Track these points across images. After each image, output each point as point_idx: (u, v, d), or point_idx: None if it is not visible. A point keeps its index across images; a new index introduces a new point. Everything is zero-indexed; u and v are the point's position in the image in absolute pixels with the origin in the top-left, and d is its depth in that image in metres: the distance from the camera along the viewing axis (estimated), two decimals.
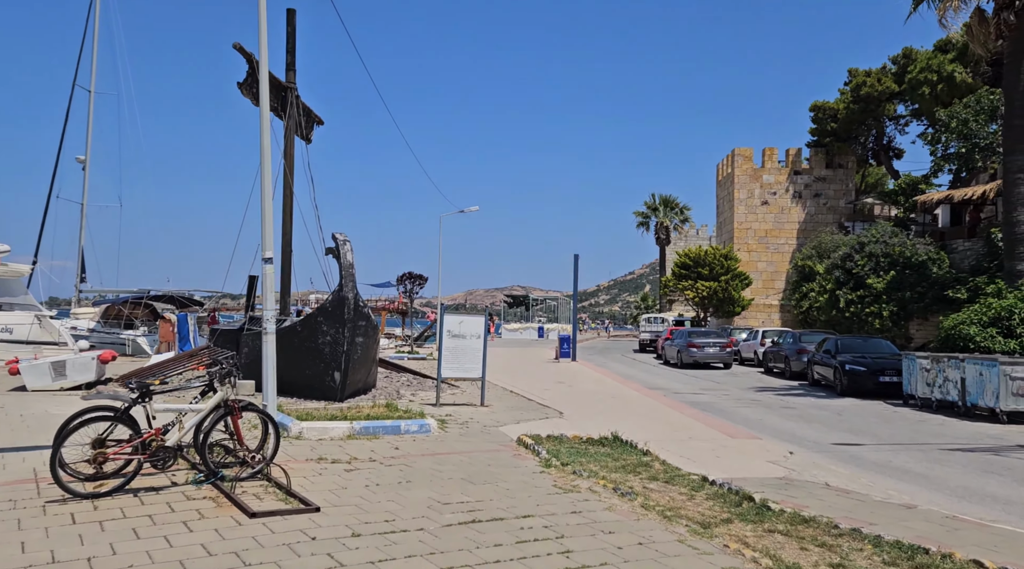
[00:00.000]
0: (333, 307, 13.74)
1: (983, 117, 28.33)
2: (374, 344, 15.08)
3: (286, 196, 18.33)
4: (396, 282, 32.27)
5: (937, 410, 15.96)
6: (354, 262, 13.89)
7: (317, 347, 13.84)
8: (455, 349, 14.08)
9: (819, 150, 42.17)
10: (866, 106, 38.53)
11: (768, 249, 42.49)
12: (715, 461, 9.25)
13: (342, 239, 14.04)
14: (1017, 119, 17.38)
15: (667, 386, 21.48)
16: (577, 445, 9.88)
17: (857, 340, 21.75)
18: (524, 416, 13.03)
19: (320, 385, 13.95)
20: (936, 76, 34.50)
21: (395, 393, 15.68)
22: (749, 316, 41.96)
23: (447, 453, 9.29)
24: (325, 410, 11.50)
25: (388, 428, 10.42)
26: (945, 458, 10.48)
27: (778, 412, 15.61)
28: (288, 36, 18.10)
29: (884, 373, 18.77)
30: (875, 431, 13.12)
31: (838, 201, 42.24)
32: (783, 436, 12.21)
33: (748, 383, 23.06)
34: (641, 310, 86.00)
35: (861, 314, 32.26)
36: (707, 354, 29.13)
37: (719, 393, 19.72)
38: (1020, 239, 17.33)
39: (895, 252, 32.03)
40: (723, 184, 45.96)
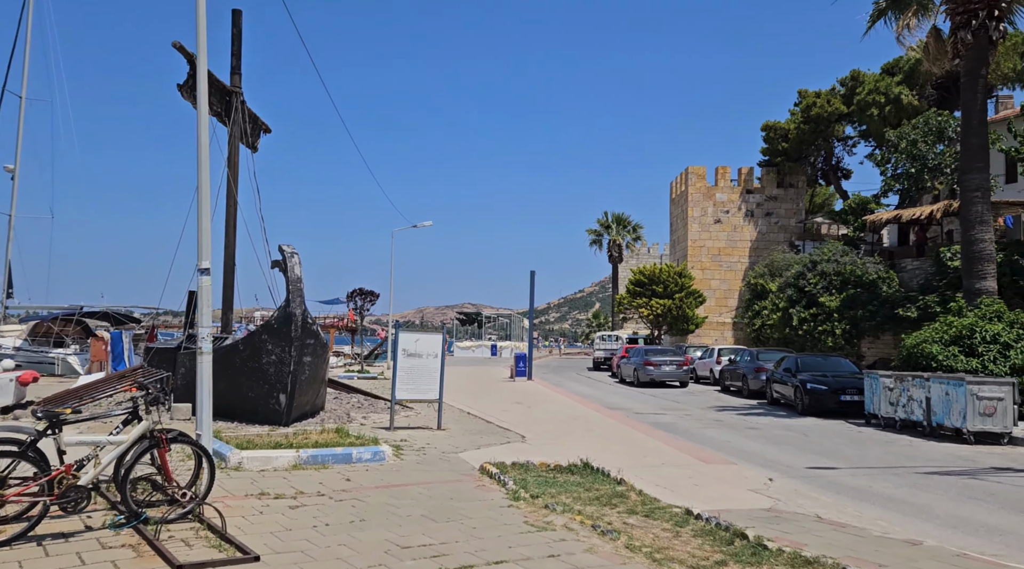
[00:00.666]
0: (279, 324, 12.79)
1: (931, 138, 28.83)
2: (323, 364, 14.15)
3: (229, 206, 17.30)
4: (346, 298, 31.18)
5: (901, 430, 15.73)
6: (302, 276, 12.98)
7: (261, 367, 12.86)
8: (411, 369, 13.25)
9: (771, 169, 42.65)
10: (816, 127, 39.10)
11: (721, 267, 42.66)
12: (694, 490, 8.63)
13: (289, 251, 13.13)
14: (974, 138, 17.46)
15: (627, 406, 20.93)
16: (545, 473, 9.15)
17: (816, 358, 21.59)
18: (484, 441, 12.26)
19: (264, 408, 12.96)
20: (884, 98, 35.17)
21: (345, 416, 14.74)
22: (702, 334, 41.95)
23: (404, 484, 8.46)
24: (269, 436, 10.55)
25: (338, 456, 9.53)
26: (923, 483, 10.08)
27: (744, 433, 15.16)
28: (233, 38, 17.17)
29: (845, 392, 18.56)
30: (845, 453, 12.73)
31: (789, 220, 42.71)
32: (755, 459, 11.71)
33: (707, 402, 22.69)
34: (593, 328, 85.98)
35: (814, 332, 32.39)
36: (664, 373, 28.78)
37: (680, 413, 19.25)
38: (978, 258, 17.35)
39: (846, 271, 32.30)
40: (677, 202, 46.11)
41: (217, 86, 16.91)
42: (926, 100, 34.78)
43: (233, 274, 17.39)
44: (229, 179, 17.25)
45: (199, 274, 7.76)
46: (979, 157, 17.54)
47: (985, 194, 17.53)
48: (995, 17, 17.03)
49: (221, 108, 17.18)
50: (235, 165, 17.36)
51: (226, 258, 17.30)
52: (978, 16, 17.00)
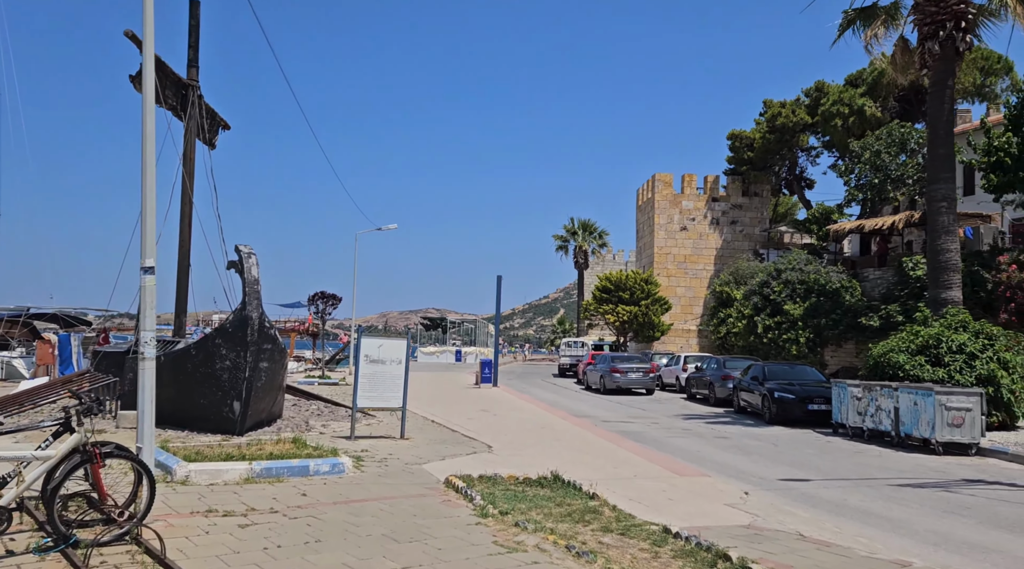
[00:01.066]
0: (234, 328, 12.18)
1: (894, 149, 29.16)
2: (281, 370, 13.54)
3: (184, 204, 16.58)
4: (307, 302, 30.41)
5: (869, 440, 15.64)
6: (259, 278, 12.38)
7: (214, 373, 12.22)
8: (373, 376, 12.72)
9: (736, 178, 42.90)
10: (781, 136, 39.43)
11: (687, 274, 42.74)
12: (669, 505, 8.27)
13: (246, 252, 12.52)
14: (940, 149, 17.54)
15: (594, 414, 20.61)
16: (514, 487, 8.73)
17: (784, 367, 21.52)
18: (450, 451, 11.78)
19: (217, 416, 12.32)
20: (847, 109, 35.57)
21: (304, 424, 14.13)
22: (668, 341, 41.94)
23: (364, 500, 7.96)
24: (220, 447, 9.95)
25: (295, 469, 8.99)
26: (898, 496, 9.87)
27: (714, 443, 14.91)
28: (191, 29, 16.48)
29: (813, 401, 18.47)
30: (816, 464, 12.53)
31: (754, 228, 42.98)
32: (727, 471, 11.42)
33: (674, 410, 22.49)
34: (558, 334, 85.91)
35: (778, 340, 32.51)
36: (630, 380, 28.56)
37: (648, 421, 18.98)
38: (944, 267, 17.40)
39: (810, 280, 32.50)
40: (643, 209, 46.14)
41: (172, 78, 16.21)
42: (889, 112, 35.27)
43: (187, 275, 16.66)
44: (184, 176, 16.54)
45: (143, 273, 7.17)
46: (945, 167, 17.61)
47: (951, 204, 17.61)
48: (962, 28, 17.13)
49: (177, 102, 16.47)
50: (191, 161, 16.64)
51: (180, 258, 16.57)
52: (945, 27, 17.09)
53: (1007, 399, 15.53)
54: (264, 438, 12.00)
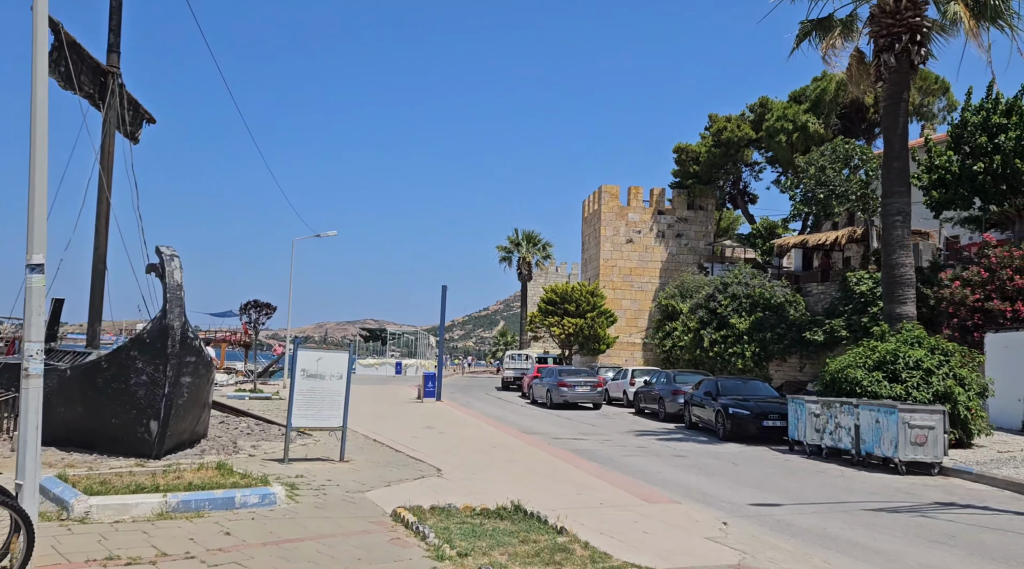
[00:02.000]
0: (153, 338, 10.88)
1: (839, 165, 29.39)
2: (206, 385, 12.24)
3: (101, 201, 15.10)
4: (239, 311, 28.78)
5: (828, 458, 15.20)
6: (183, 283, 11.12)
7: (128, 389, 10.88)
8: (311, 392, 11.57)
9: (682, 192, 42.93)
10: (726, 150, 39.60)
11: (632, 287, 42.46)
12: (645, 539, 7.43)
13: (168, 253, 11.25)
14: (895, 162, 17.40)
15: (543, 430, 19.76)
16: (471, 520, 7.75)
17: (736, 382, 21.10)
18: (395, 475, 10.72)
19: (131, 438, 10.98)
20: (791, 125, 35.89)
21: (231, 445, 12.84)
22: (613, 354, 41.51)
23: (299, 539, 6.87)
24: (131, 474, 8.67)
25: (218, 501, 7.82)
26: (876, 522, 9.28)
27: (672, 462, 14.22)
28: (112, 11, 15.07)
29: (768, 417, 18.02)
30: (782, 486, 11.92)
31: (698, 242, 43.04)
32: (693, 494, 10.69)
33: (624, 426, 21.83)
34: (500, 346, 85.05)
35: (725, 354, 32.38)
36: (578, 394, 27.85)
37: (600, 438, 18.23)
38: (899, 282, 17.22)
39: (756, 293, 32.51)
40: (589, 221, 45.77)
41: (90, 63, 14.75)
42: (831, 129, 35.72)
43: (103, 279, 15.15)
44: (101, 172, 15.06)
45: (28, 272, 5.96)
46: (901, 181, 17.48)
47: (906, 218, 17.47)
48: (917, 42, 17.07)
49: (95, 90, 15.01)
50: (109, 155, 15.18)
51: (95, 261, 15.06)
52: (901, 39, 16.99)
53: (963, 416, 15.31)
54: (185, 462, 10.72)
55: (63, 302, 18.79)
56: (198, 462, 10.42)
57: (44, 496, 7.83)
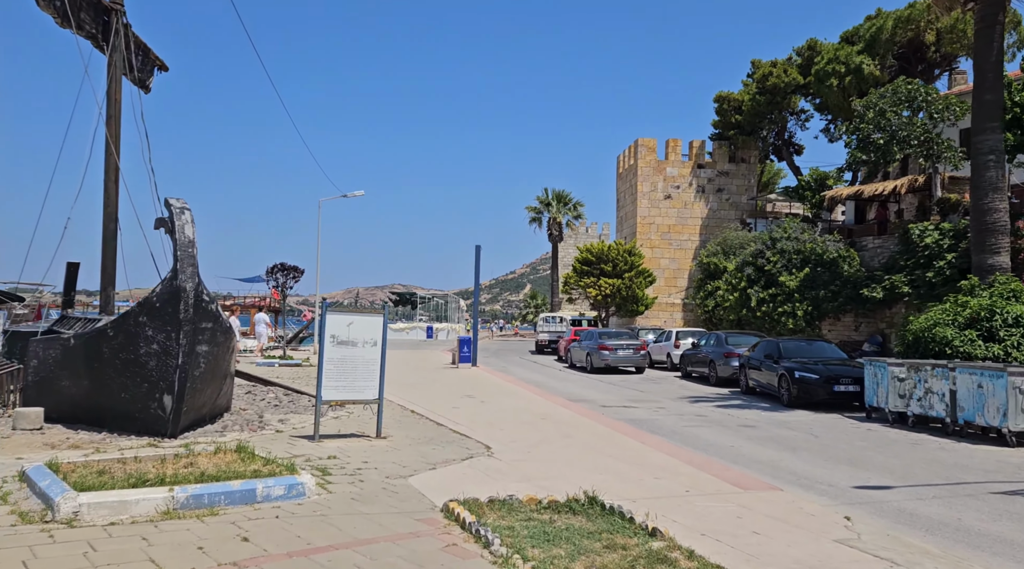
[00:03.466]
0: (163, 302, 9.57)
1: (900, 107, 27.15)
2: (226, 354, 10.96)
3: (109, 155, 13.78)
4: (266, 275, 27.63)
5: (914, 426, 13.63)
6: (195, 239, 9.77)
7: (138, 360, 9.62)
8: (342, 361, 10.23)
9: (723, 143, 40.75)
10: (771, 98, 37.27)
11: (671, 245, 40.65)
12: (760, 543, 5.99)
13: (179, 206, 9.89)
14: (988, 94, 15.43)
15: (589, 397, 18.40)
16: (538, 515, 6.38)
17: (800, 343, 19.46)
18: (439, 455, 9.39)
19: (143, 414, 9.75)
20: (844, 68, 33.49)
21: (257, 419, 11.61)
22: (651, 315, 39.95)
23: (332, 546, 5.53)
24: (136, 461, 7.41)
25: (235, 495, 6.52)
26: (1016, 510, 7.75)
27: (743, 434, 12.75)
28: None
29: (839, 382, 16.42)
30: (879, 462, 10.41)
31: (740, 197, 40.97)
32: (783, 475, 9.24)
33: (674, 392, 20.38)
34: (530, 309, 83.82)
35: (774, 313, 30.65)
36: (619, 357, 26.42)
37: (652, 405, 16.81)
38: (991, 229, 15.39)
39: (807, 249, 30.61)
40: (624, 177, 43.83)
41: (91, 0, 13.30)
42: (887, 71, 33.28)
43: (116, 240, 13.91)
44: (108, 122, 13.71)
45: None
46: (993, 115, 15.53)
47: (1000, 157, 15.56)
48: None
49: (97, 29, 13.59)
50: (116, 103, 13.81)
51: (105, 220, 13.81)
52: None
53: None
54: (203, 441, 9.49)
55: (78, 266, 17.66)
56: (218, 442, 9.17)
57: (31, 490, 6.60)
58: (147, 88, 15.96)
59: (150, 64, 15.83)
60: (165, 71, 16.57)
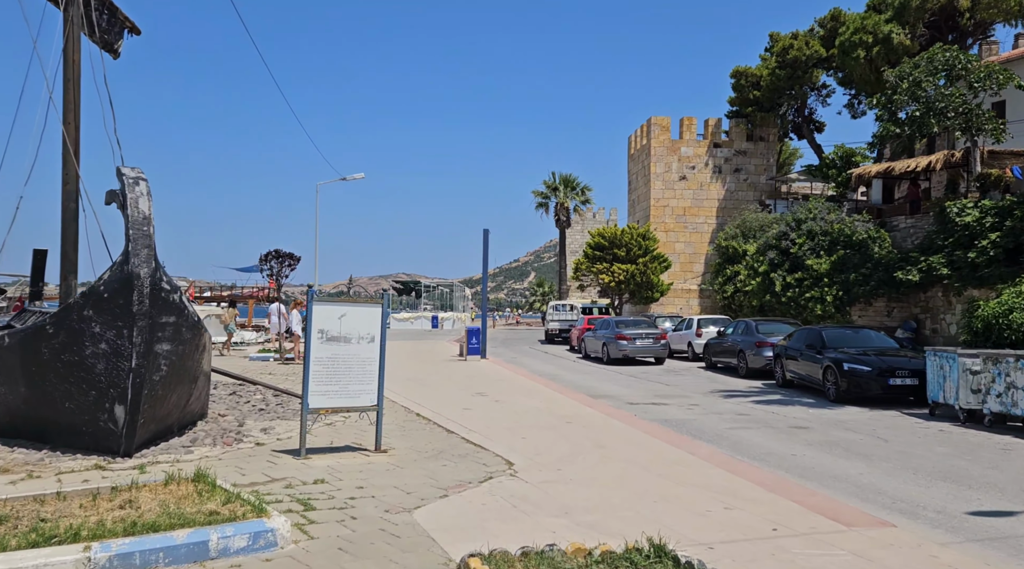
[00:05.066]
0: (112, 292, 7.86)
1: (938, 76, 25.23)
2: (196, 352, 9.24)
3: (67, 124, 12.02)
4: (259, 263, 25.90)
5: (993, 426, 11.90)
6: (152, 215, 8.05)
7: (83, 362, 7.92)
8: (333, 361, 8.51)
9: (740, 121, 38.82)
10: (792, 72, 35.31)
11: (687, 228, 38.83)
12: None
13: (133, 176, 8.17)
14: None
15: (611, 392, 16.71)
16: None
17: (844, 331, 17.71)
18: (452, 474, 7.68)
19: (92, 428, 8.06)
20: (871, 38, 31.52)
21: (235, 428, 9.92)
22: (666, 302, 38.20)
23: None
24: (58, 500, 5.69)
25: (179, 551, 4.82)
26: None
27: (799, 439, 11.04)
28: None
29: (895, 374, 14.68)
30: (976, 475, 8.68)
31: (759, 177, 39.08)
32: (869, 495, 7.52)
33: (702, 385, 18.67)
34: (536, 297, 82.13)
35: (800, 299, 28.88)
36: (638, 347, 24.72)
37: (683, 402, 15.11)
38: None
39: (834, 230, 28.79)
40: (636, 157, 41.95)
41: None
42: (917, 40, 31.30)
43: (76, 223, 12.17)
44: (68, 84, 11.95)
45: None
46: None
47: None
48: None
49: None
50: (75, 65, 12.04)
51: (64, 199, 12.06)
52: None
53: None
54: (164, 460, 7.80)
55: (46, 253, 15.98)
56: (179, 462, 7.49)
57: None
58: (115, 53, 14.17)
59: (118, 25, 14.03)
60: (137, 34, 14.78)
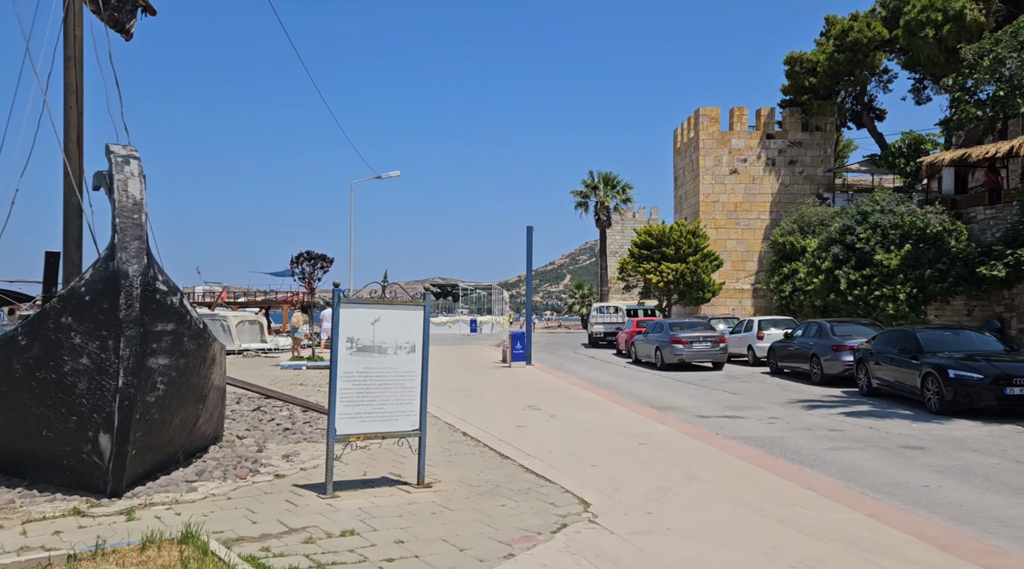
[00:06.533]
0: (94, 295, 6.41)
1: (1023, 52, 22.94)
2: (203, 366, 7.74)
3: (68, 109, 10.72)
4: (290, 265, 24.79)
5: None
6: (144, 200, 6.60)
7: (62, 381, 6.47)
8: (365, 376, 6.95)
9: (794, 110, 36.64)
10: (852, 56, 33.06)
11: (738, 225, 36.75)
12: None
13: (123, 154, 6.73)
14: None
15: (673, 402, 14.97)
16: None
17: (943, 333, 15.69)
18: (513, 521, 6.04)
19: (73, 461, 6.61)
20: (940, 16, 29.18)
21: (253, 453, 8.41)
22: (716, 303, 36.17)
23: None
24: None
25: None
26: None
27: (917, 463, 9.19)
28: None
29: (1011, 382, 12.68)
30: None
31: (815, 169, 36.83)
32: None
33: (775, 394, 16.79)
34: (575, 300, 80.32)
35: (868, 298, 26.71)
36: (696, 352, 22.88)
37: (762, 415, 13.28)
38: None
39: (906, 223, 26.58)
40: (683, 152, 39.98)
41: None
42: (993, 16, 28.90)
43: (80, 220, 10.86)
44: (69, 63, 10.65)
45: None
46: None
47: None
48: None
49: None
50: (76, 40, 10.74)
51: (66, 193, 10.77)
52: None
53: None
54: (159, 501, 6.32)
55: (59, 256, 14.85)
56: (177, 504, 5.99)
57: None
58: (127, 33, 12.86)
59: (130, 2, 12.76)
60: (151, 15, 13.47)
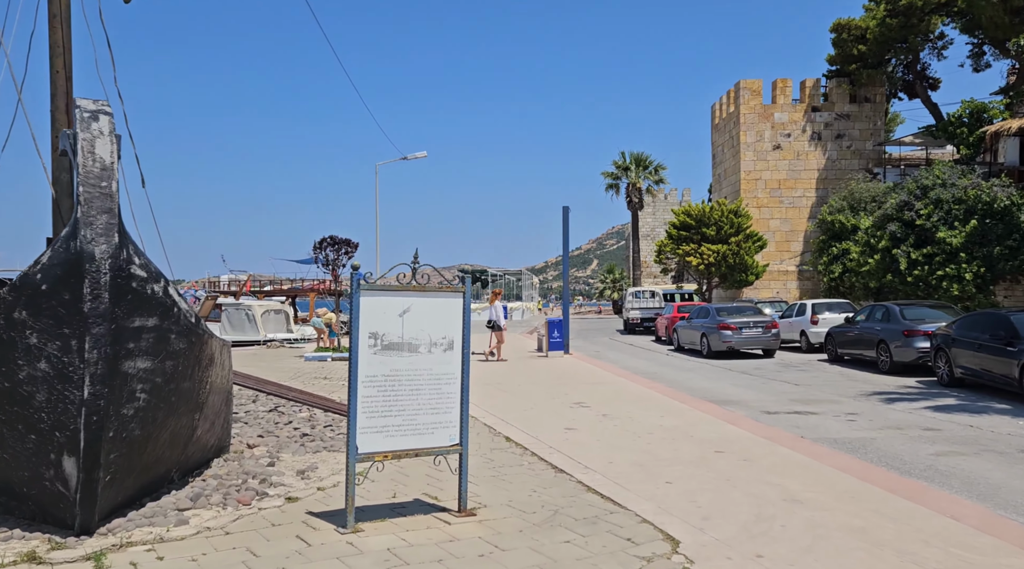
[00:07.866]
0: (52, 282, 5.12)
1: None
2: (199, 368, 6.43)
3: (55, 74, 9.47)
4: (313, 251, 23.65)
5: None
6: (116, 164, 5.30)
7: (16, 391, 5.20)
8: (393, 380, 5.60)
9: (841, 81, 34.57)
10: (906, 20, 30.93)
11: (782, 203, 34.89)
12: None
13: (91, 110, 5.41)
14: None
15: (731, 395, 13.51)
16: None
17: None
18: (581, 562, 4.67)
19: (34, 489, 5.34)
20: None
21: (261, 470, 7.12)
22: (759, 286, 34.42)
23: None
24: None
25: None
26: None
27: None
28: None
29: None
30: None
31: (864, 143, 34.77)
32: None
33: (842, 385, 15.22)
34: (607, 284, 78.63)
35: (930, 278, 24.89)
36: (746, 338, 21.31)
37: (837, 410, 11.76)
38: None
39: (970, 197, 24.66)
40: (722, 128, 38.11)
41: None
42: None
43: (72, 198, 9.63)
44: (54, 20, 9.40)
45: None
46: None
47: None
48: None
49: None
50: None
51: (54, 169, 9.54)
52: None
53: None
54: (139, 540, 5.03)
55: None
56: (158, 544, 4.69)
57: None
58: None
59: None
60: None
